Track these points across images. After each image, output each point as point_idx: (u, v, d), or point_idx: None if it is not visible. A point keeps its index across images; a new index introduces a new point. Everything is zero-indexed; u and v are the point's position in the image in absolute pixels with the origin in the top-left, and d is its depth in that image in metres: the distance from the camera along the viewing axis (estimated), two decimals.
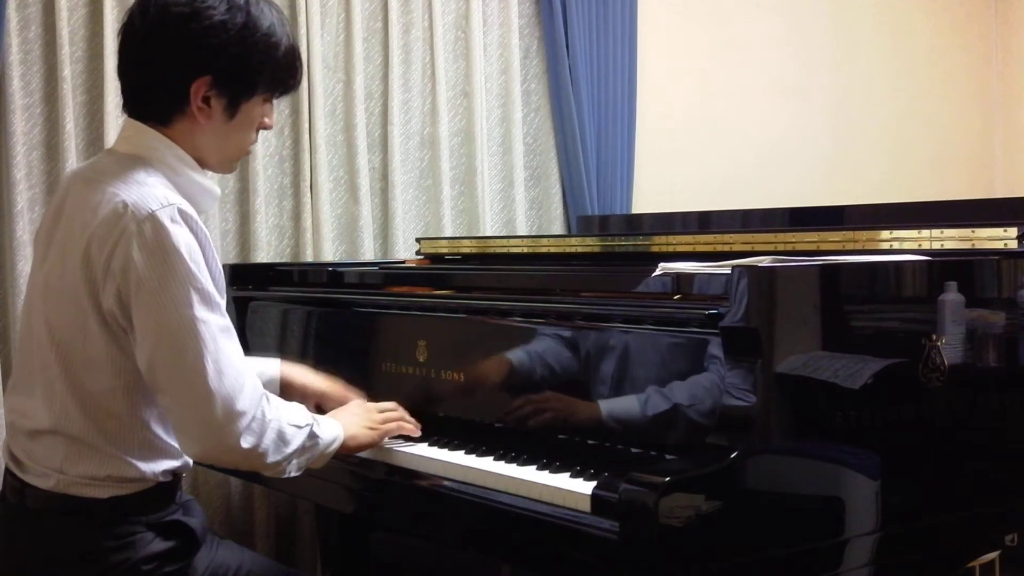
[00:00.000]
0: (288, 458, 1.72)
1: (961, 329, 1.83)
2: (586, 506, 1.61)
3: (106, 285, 1.62)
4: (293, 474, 1.76)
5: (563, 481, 1.71)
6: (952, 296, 1.83)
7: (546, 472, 1.76)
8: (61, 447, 1.69)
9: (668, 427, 1.73)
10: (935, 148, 4.42)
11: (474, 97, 3.27)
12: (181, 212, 1.64)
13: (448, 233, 3.22)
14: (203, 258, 1.64)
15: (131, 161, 1.71)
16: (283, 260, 3.04)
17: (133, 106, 1.77)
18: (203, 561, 1.80)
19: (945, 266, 1.88)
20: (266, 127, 1.83)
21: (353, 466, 2.02)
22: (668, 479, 1.48)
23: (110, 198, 1.64)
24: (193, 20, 1.69)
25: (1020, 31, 4.53)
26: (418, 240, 3.07)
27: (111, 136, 2.77)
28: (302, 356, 2.38)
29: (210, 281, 1.64)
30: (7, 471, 1.77)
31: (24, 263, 2.68)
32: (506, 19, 3.35)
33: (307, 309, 2.50)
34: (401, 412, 2.01)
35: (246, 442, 1.64)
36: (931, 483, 1.83)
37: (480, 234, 3.22)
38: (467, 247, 2.92)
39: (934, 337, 1.79)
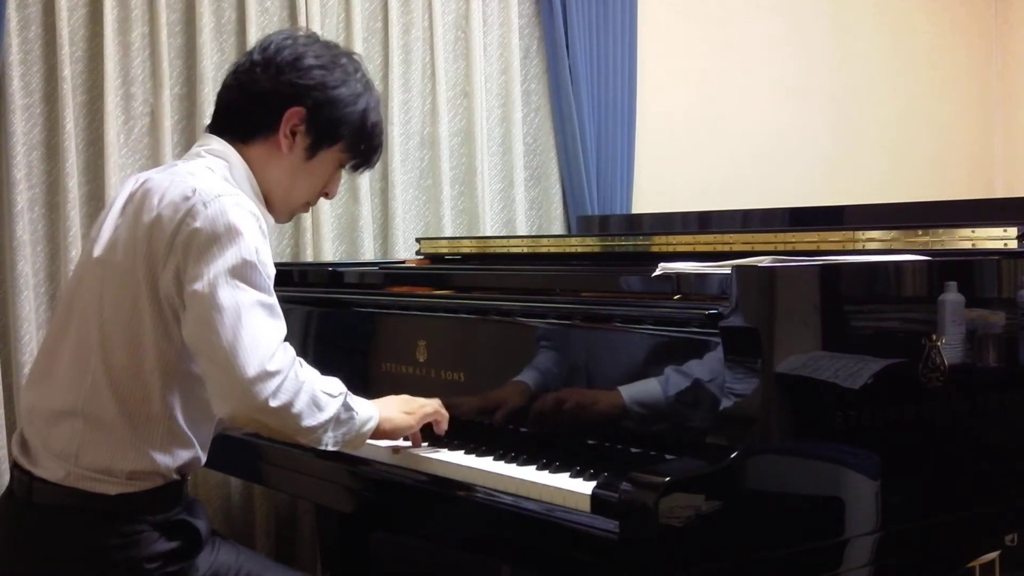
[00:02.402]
0: (324, 426, 1.73)
1: (961, 329, 1.83)
2: (586, 506, 1.61)
3: (167, 263, 1.68)
4: (330, 447, 1.77)
5: (563, 481, 1.71)
6: (952, 296, 1.83)
7: (546, 472, 1.76)
8: (80, 431, 1.71)
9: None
10: (935, 148, 4.42)
11: (474, 97, 3.26)
12: (247, 203, 1.73)
13: (448, 233, 3.22)
14: (257, 242, 1.70)
15: (201, 166, 1.80)
16: (283, 260, 3.04)
17: (219, 122, 1.88)
18: (204, 562, 1.80)
19: (945, 266, 1.88)
20: (328, 195, 1.97)
21: (353, 466, 2.02)
22: (668, 479, 1.48)
23: (179, 184, 1.72)
24: (305, 59, 1.86)
25: (1020, 31, 4.53)
26: (418, 240, 3.07)
27: (111, 136, 2.77)
28: (302, 356, 2.36)
29: (259, 261, 1.70)
30: (15, 465, 1.78)
31: (24, 263, 2.67)
32: (506, 19, 3.35)
33: (307, 309, 2.50)
34: (439, 404, 1.99)
35: (277, 400, 1.65)
36: (931, 483, 1.82)
37: (480, 234, 3.21)
38: (467, 247, 2.91)
39: (934, 337, 1.79)
